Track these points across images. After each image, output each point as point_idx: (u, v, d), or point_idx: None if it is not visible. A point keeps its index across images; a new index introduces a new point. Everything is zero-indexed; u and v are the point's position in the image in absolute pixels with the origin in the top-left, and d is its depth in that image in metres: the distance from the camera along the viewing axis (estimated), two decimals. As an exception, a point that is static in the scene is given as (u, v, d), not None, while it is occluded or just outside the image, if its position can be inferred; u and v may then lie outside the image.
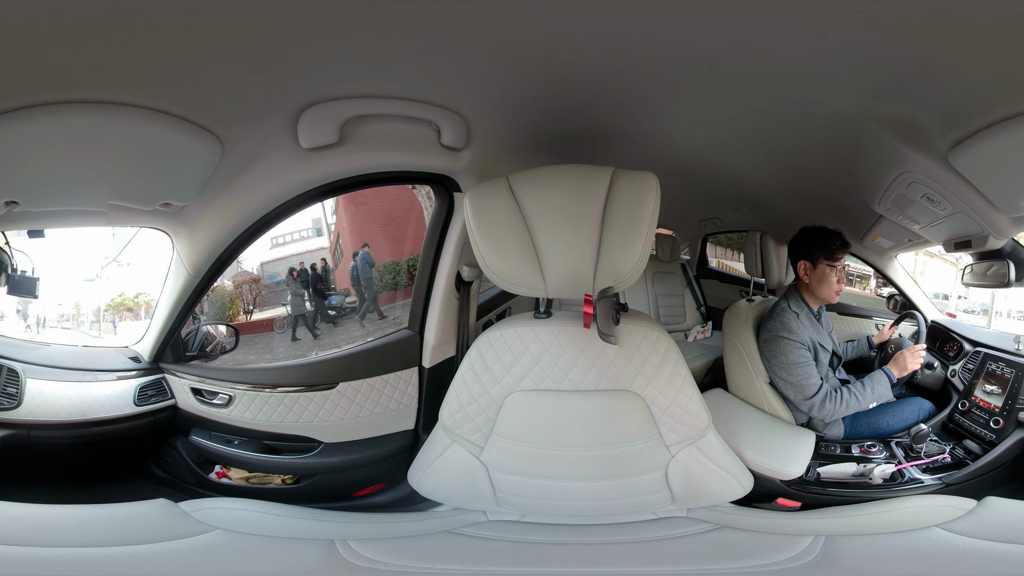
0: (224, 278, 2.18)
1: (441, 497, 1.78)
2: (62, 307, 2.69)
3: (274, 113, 1.50)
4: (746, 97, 1.60)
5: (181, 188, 1.67)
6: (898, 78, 1.38)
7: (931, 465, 2.02)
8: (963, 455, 2.07)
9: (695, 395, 1.47)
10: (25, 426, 1.92)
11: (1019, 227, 2.05)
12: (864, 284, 3.77)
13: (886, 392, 2.24)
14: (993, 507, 1.67)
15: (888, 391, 2.25)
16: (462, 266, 2.20)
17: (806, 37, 1.21)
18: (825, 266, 2.30)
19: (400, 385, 2.32)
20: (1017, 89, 1.31)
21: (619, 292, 1.36)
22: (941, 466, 2.03)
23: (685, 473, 1.54)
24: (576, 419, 1.47)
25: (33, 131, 1.29)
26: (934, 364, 2.51)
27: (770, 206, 3.10)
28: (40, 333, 2.49)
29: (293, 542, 1.60)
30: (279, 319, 2.60)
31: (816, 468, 2.07)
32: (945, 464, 2.03)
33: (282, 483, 2.26)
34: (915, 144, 1.70)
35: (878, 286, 3.67)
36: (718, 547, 1.62)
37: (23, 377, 1.94)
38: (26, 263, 2.01)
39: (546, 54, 1.30)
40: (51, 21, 1.03)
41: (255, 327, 2.56)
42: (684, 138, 2.05)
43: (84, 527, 1.52)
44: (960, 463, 2.03)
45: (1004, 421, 2.06)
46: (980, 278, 2.39)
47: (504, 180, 1.37)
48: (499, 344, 1.46)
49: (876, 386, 2.23)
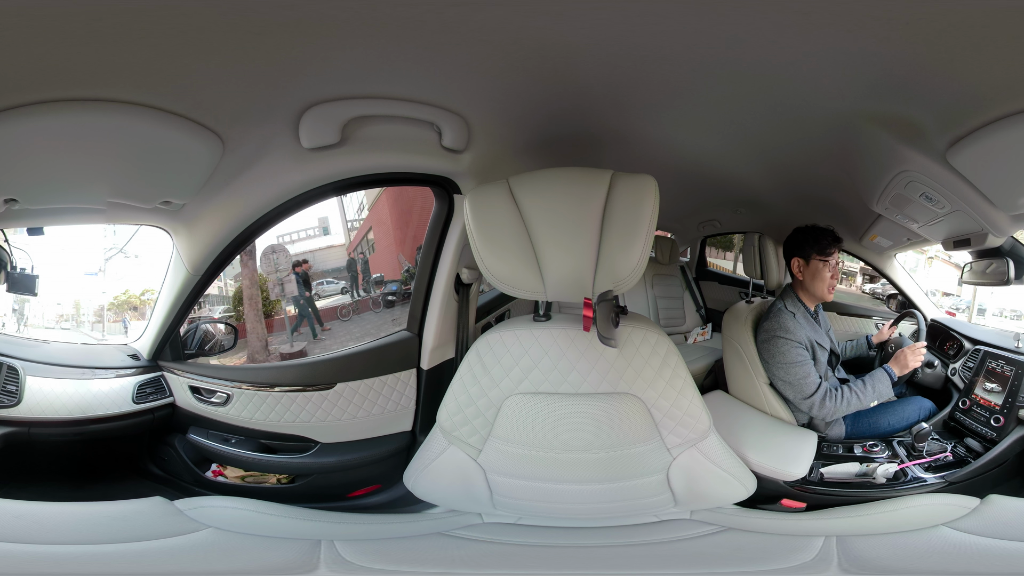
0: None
1: (436, 499, 1.77)
2: (64, 306, 2.69)
3: (276, 113, 1.50)
4: (744, 100, 1.61)
5: (181, 186, 1.67)
6: (895, 77, 1.38)
7: (933, 464, 2.02)
8: (964, 453, 2.07)
9: (696, 397, 1.46)
10: (26, 423, 1.92)
11: (1018, 225, 2.05)
12: (851, 281, 3.78)
13: (887, 390, 2.23)
14: (997, 505, 1.68)
15: (889, 389, 2.24)
16: (461, 268, 2.20)
17: (803, 39, 1.22)
18: (818, 261, 2.30)
19: (398, 386, 2.32)
20: (1015, 87, 1.31)
21: (619, 295, 1.36)
22: (943, 464, 2.03)
23: (687, 475, 1.54)
24: (575, 422, 1.46)
25: (33, 128, 1.29)
26: (934, 363, 2.51)
27: (769, 208, 3.10)
28: (37, 333, 2.49)
29: (279, 541, 1.60)
30: (342, 307, 2.83)
31: (819, 468, 2.07)
32: (947, 463, 2.04)
33: (277, 482, 2.26)
34: (913, 143, 1.70)
35: (863, 283, 3.68)
36: (727, 549, 1.62)
37: (23, 375, 1.94)
38: (25, 260, 2.01)
39: (546, 57, 1.31)
40: (54, 19, 1.03)
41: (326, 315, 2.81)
42: (683, 141, 2.06)
43: (82, 525, 1.52)
44: (962, 461, 2.04)
45: (1005, 419, 2.07)
46: (979, 276, 2.40)
47: (504, 183, 1.37)
48: (498, 347, 1.46)
49: (877, 384, 2.22)
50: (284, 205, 1.84)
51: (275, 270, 2.64)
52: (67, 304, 2.71)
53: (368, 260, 2.99)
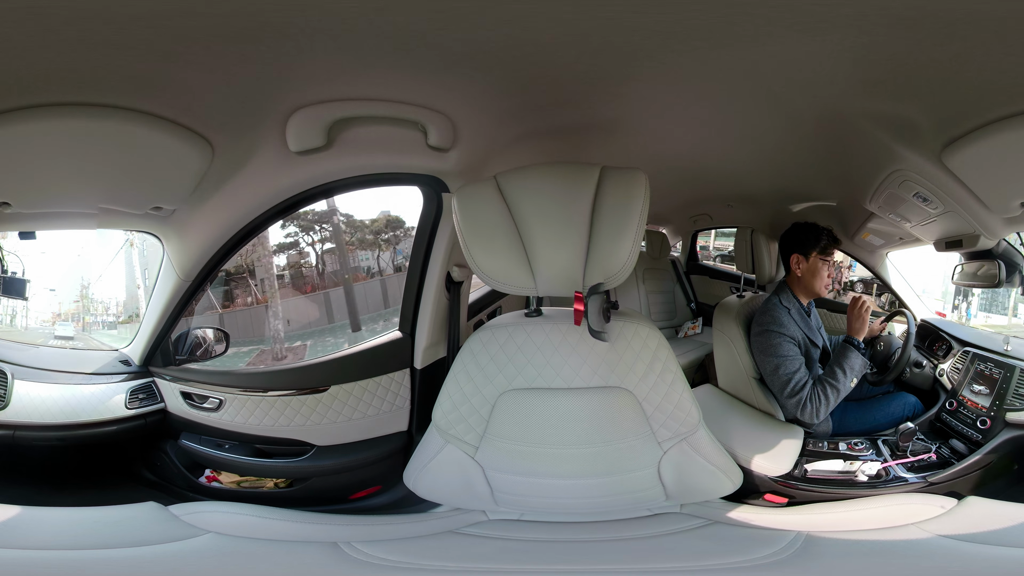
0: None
1: (439, 498, 1.78)
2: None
3: (263, 117, 1.50)
4: (736, 94, 1.60)
5: (171, 192, 1.67)
6: (892, 77, 1.38)
7: (916, 464, 2.03)
8: (949, 455, 2.07)
9: (686, 391, 1.47)
10: (10, 427, 1.92)
11: (1011, 228, 2.07)
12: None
13: (860, 362, 2.18)
14: (971, 507, 1.67)
15: (861, 360, 2.19)
16: (452, 267, 2.21)
17: (799, 35, 1.22)
18: (818, 260, 2.33)
19: (392, 387, 2.32)
20: (1012, 89, 1.32)
21: (610, 289, 1.37)
22: (926, 465, 2.04)
23: (677, 469, 1.54)
24: (568, 416, 1.47)
25: (25, 133, 1.29)
26: (922, 362, 2.51)
27: (760, 203, 3.11)
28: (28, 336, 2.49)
29: (292, 545, 1.58)
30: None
31: (804, 464, 2.08)
32: (930, 463, 2.04)
33: (275, 487, 2.25)
34: (908, 142, 1.71)
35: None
36: (710, 542, 1.62)
37: (11, 379, 1.93)
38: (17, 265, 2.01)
39: (527, 53, 1.30)
40: (44, 24, 1.03)
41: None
42: (673, 135, 2.06)
43: (73, 530, 1.51)
44: (946, 462, 2.04)
45: (991, 421, 2.06)
46: (970, 278, 2.40)
47: (492, 180, 1.37)
48: (491, 344, 1.46)
49: (846, 361, 2.17)
50: (273, 209, 1.84)
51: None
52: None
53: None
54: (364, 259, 7.68)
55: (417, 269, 2.23)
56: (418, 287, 2.25)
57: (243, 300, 6.54)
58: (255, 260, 6.50)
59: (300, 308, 7.05)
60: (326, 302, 7.14)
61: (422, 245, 2.20)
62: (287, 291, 6.93)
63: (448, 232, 2.13)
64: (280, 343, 6.33)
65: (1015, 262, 2.26)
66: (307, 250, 7.29)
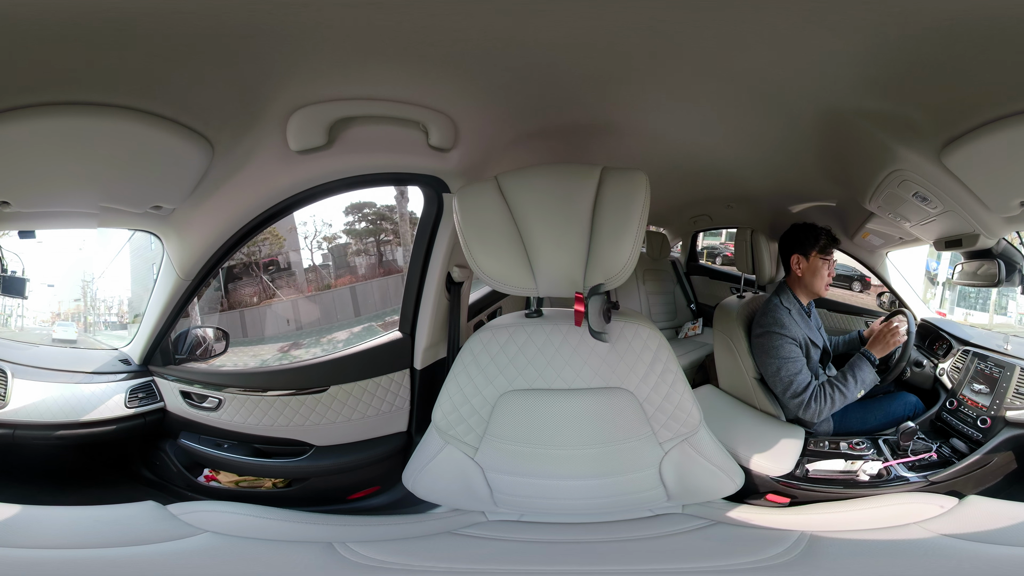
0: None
1: (438, 499, 1.77)
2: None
3: (263, 116, 1.50)
4: (736, 95, 1.60)
5: (171, 191, 1.66)
6: (891, 76, 1.38)
7: (917, 463, 2.03)
8: (949, 454, 2.07)
9: (687, 392, 1.47)
10: (10, 426, 1.91)
11: (1010, 227, 2.07)
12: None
13: (871, 377, 2.22)
14: (972, 506, 1.67)
15: (873, 375, 2.23)
16: (452, 267, 2.20)
17: (798, 35, 1.22)
18: (818, 259, 2.34)
19: (392, 387, 2.32)
20: (1011, 89, 1.31)
21: (610, 290, 1.37)
22: (927, 464, 2.04)
23: (678, 470, 1.54)
24: (569, 417, 1.46)
25: (25, 132, 1.28)
26: (923, 362, 2.51)
27: (760, 203, 3.11)
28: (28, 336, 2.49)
29: (289, 545, 1.58)
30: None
31: (805, 464, 2.08)
32: (931, 462, 2.04)
33: (273, 486, 2.25)
34: (907, 142, 1.70)
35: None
36: (713, 543, 1.62)
37: (10, 377, 1.93)
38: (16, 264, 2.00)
39: (529, 54, 1.30)
40: (47, 25, 1.03)
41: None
42: (674, 136, 2.06)
43: (71, 528, 1.50)
44: (946, 462, 2.04)
45: (992, 420, 2.06)
46: (970, 277, 2.40)
47: (493, 180, 1.37)
48: (492, 345, 1.46)
49: (859, 372, 2.21)
50: (274, 208, 1.84)
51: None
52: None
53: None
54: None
55: (417, 269, 2.23)
56: (418, 287, 2.25)
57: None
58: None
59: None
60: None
61: (422, 245, 2.20)
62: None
63: (449, 232, 2.12)
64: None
65: (1015, 261, 2.26)
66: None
